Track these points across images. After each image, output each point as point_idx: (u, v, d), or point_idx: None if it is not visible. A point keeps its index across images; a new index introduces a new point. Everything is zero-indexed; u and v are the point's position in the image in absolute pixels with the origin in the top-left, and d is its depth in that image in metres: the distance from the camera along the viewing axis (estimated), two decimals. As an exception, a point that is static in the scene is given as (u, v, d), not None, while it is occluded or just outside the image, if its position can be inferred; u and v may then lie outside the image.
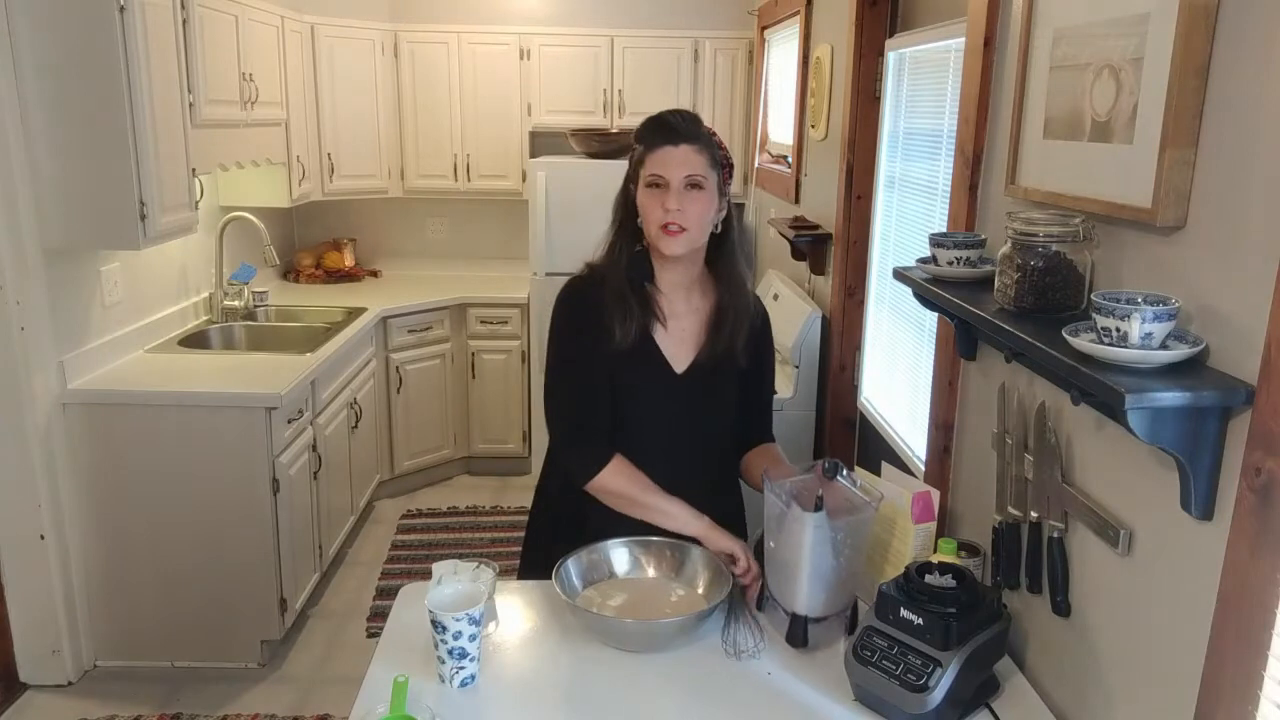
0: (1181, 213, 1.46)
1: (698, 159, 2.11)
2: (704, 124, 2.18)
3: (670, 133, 2.11)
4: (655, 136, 2.12)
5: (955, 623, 1.70)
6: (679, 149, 2.10)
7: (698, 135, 2.13)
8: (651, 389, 2.22)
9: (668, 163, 2.10)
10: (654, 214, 2.11)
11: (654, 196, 2.11)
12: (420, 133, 5.93)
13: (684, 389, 2.24)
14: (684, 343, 2.25)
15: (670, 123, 2.13)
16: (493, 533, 5.17)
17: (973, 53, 2.27)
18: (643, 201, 2.14)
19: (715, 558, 2.12)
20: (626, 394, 2.21)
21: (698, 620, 1.97)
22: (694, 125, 2.14)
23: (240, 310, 4.89)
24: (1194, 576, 1.43)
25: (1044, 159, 1.88)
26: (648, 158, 2.13)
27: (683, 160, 2.10)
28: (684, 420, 2.25)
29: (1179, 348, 1.38)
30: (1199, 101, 1.43)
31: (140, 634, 3.80)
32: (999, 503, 1.99)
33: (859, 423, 3.93)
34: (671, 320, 2.24)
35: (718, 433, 2.33)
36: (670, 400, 2.23)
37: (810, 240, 4.09)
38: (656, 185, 2.11)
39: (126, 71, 3.34)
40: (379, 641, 2.01)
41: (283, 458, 3.81)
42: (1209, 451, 1.37)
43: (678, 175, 2.09)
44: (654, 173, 2.10)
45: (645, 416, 2.23)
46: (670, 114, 2.15)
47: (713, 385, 2.26)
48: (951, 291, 1.96)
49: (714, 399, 2.27)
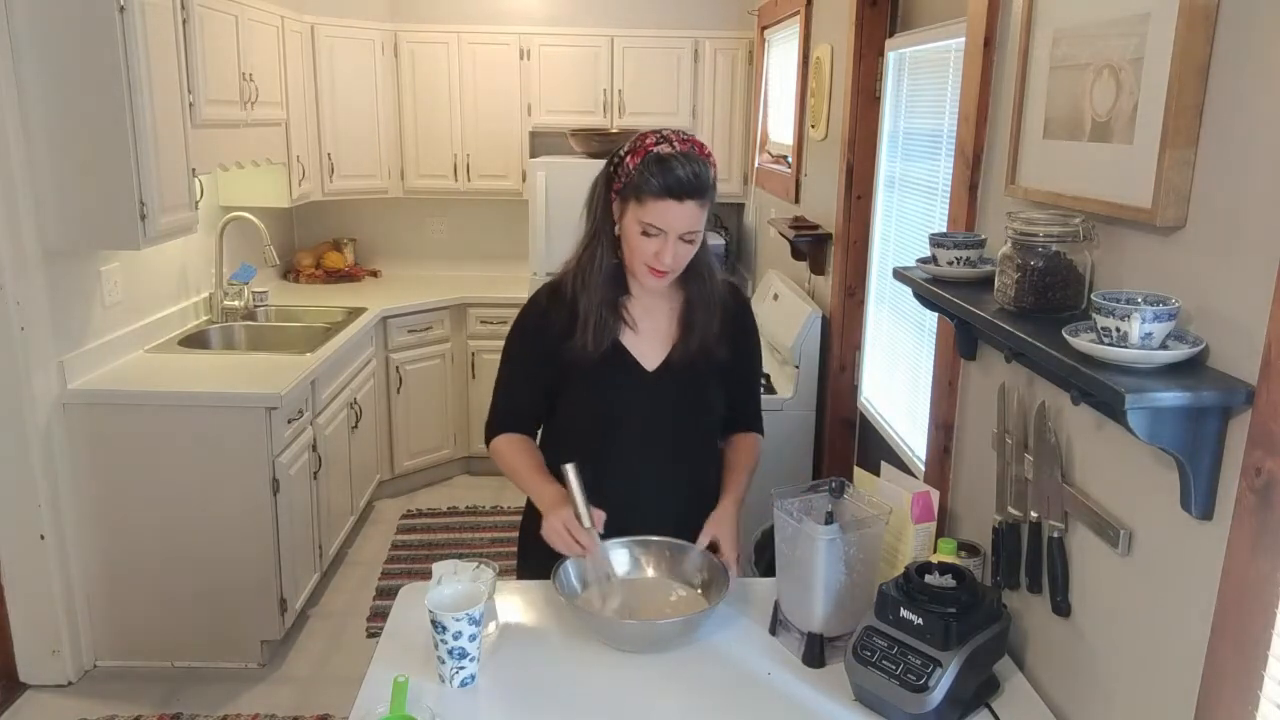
0: (1181, 213, 1.46)
1: (698, 213, 2.05)
2: (708, 159, 2.06)
3: (678, 188, 2.00)
4: (660, 187, 2.00)
5: (955, 623, 1.70)
6: (682, 205, 2.01)
7: (702, 189, 2.03)
8: (622, 390, 2.20)
9: (668, 218, 2.02)
10: (642, 255, 2.07)
11: (647, 242, 2.05)
12: (420, 133, 5.93)
13: (656, 387, 2.20)
14: (655, 341, 2.22)
15: (680, 177, 1.99)
16: (492, 533, 5.18)
17: (973, 53, 2.27)
18: (631, 237, 2.08)
19: (714, 559, 2.11)
20: (598, 396, 2.20)
21: (698, 621, 1.97)
22: (702, 175, 2.02)
23: (240, 310, 4.89)
24: (1194, 576, 1.43)
25: (1044, 159, 1.88)
26: (647, 202, 2.01)
27: (683, 216, 2.02)
28: (659, 418, 2.21)
29: (1179, 348, 1.38)
30: (1199, 101, 1.42)
31: (140, 634, 3.80)
32: (999, 503, 1.99)
33: (859, 423, 3.93)
34: (643, 321, 2.22)
35: (699, 430, 2.30)
36: (643, 399, 2.20)
37: (810, 240, 4.08)
38: (651, 235, 2.05)
39: (126, 71, 3.34)
40: (379, 641, 2.01)
41: (283, 458, 3.81)
42: (1209, 451, 1.37)
43: (676, 230, 2.03)
44: (652, 223, 2.03)
45: (620, 417, 2.20)
46: (679, 162, 2.00)
47: (688, 381, 2.22)
48: (951, 291, 1.95)
49: (690, 395, 2.23)
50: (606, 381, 2.19)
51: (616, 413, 2.20)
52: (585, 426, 2.22)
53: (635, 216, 2.05)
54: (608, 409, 2.20)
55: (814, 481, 2.09)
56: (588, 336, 2.14)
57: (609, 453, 2.18)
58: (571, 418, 2.26)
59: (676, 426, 2.24)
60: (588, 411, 2.22)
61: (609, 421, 2.20)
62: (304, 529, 4.12)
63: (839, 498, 2.04)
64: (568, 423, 2.28)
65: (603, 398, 2.20)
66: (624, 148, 2.10)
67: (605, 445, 2.17)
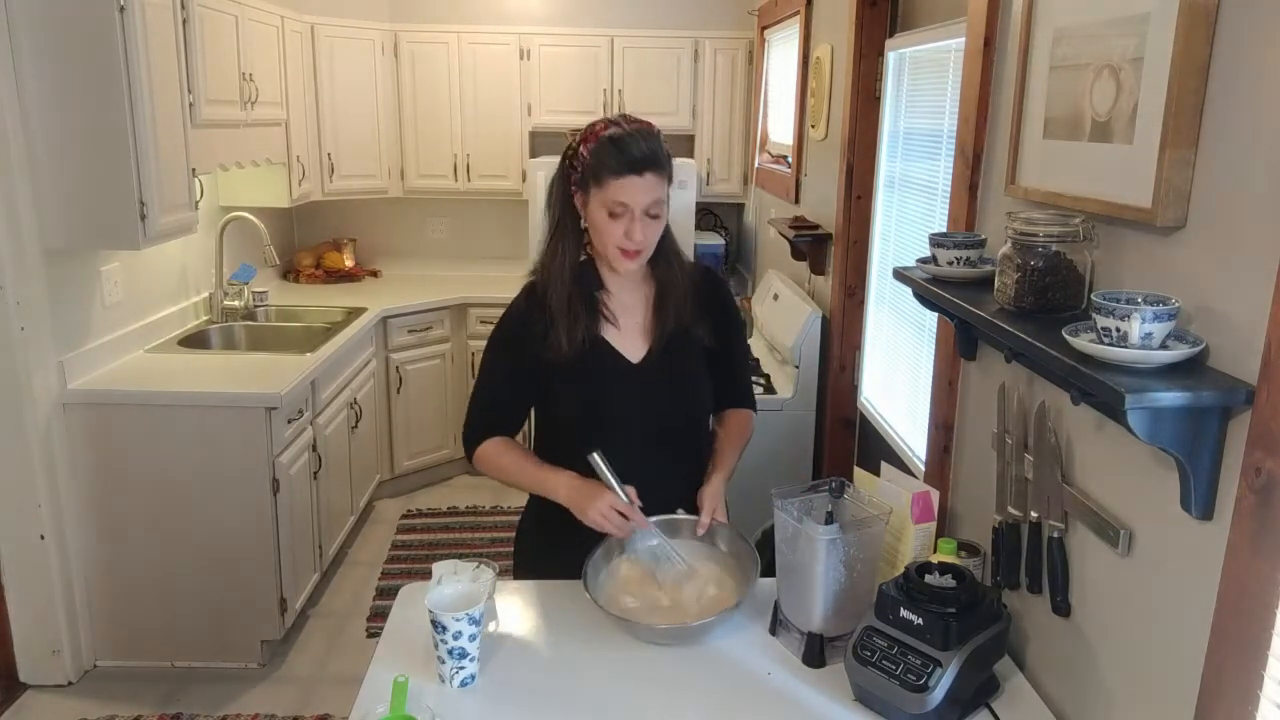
0: (1181, 213, 1.46)
1: (659, 185, 2.09)
2: (658, 134, 2.13)
3: (634, 162, 2.05)
4: (618, 164, 2.05)
5: (955, 623, 1.70)
6: (643, 178, 2.06)
7: (659, 161, 2.09)
8: (608, 384, 2.21)
9: (631, 192, 2.06)
10: (612, 237, 2.10)
11: (614, 224, 2.09)
12: (420, 133, 5.93)
13: (642, 378, 2.22)
14: (636, 333, 2.25)
15: (634, 152, 2.05)
16: (492, 533, 5.18)
17: (973, 53, 2.27)
18: (598, 223, 2.11)
19: (741, 544, 2.14)
20: (586, 393, 2.20)
21: (725, 617, 1.99)
22: (656, 149, 2.09)
23: (240, 310, 4.89)
24: (1194, 576, 1.43)
25: (1044, 159, 1.88)
26: (608, 182, 2.06)
27: (646, 189, 2.07)
28: (649, 409, 2.23)
29: (1179, 348, 1.38)
30: (1199, 101, 1.43)
31: (140, 634, 3.80)
32: (999, 502, 1.99)
33: (859, 423, 3.93)
34: (623, 316, 2.24)
35: (690, 417, 2.32)
36: (630, 392, 2.22)
37: (810, 240, 4.09)
38: (617, 214, 2.08)
39: (126, 71, 3.34)
40: (379, 641, 2.01)
41: (283, 458, 3.81)
42: (1209, 451, 1.37)
43: (640, 205, 2.07)
44: (617, 200, 2.07)
45: (608, 413, 2.21)
46: (630, 137, 2.07)
47: (674, 369, 2.24)
48: (951, 291, 1.96)
49: (677, 382, 2.25)
50: (593, 377, 2.20)
51: (605, 408, 2.21)
52: (576, 424, 2.23)
53: (599, 200, 2.09)
54: (596, 404, 2.21)
55: (814, 481, 2.10)
56: (561, 334, 2.16)
57: (603, 448, 2.16)
58: (561, 417, 2.26)
59: (667, 415, 2.25)
60: (577, 409, 2.22)
61: (599, 417, 2.21)
62: (304, 529, 4.12)
63: (839, 498, 2.04)
64: (557, 422, 2.28)
65: (591, 394, 2.20)
66: (574, 140, 2.15)
67: (597, 441, 2.16)
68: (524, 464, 2.24)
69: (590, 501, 2.08)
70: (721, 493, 2.22)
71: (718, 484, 2.23)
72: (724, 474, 2.26)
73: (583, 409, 2.21)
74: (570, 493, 2.13)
